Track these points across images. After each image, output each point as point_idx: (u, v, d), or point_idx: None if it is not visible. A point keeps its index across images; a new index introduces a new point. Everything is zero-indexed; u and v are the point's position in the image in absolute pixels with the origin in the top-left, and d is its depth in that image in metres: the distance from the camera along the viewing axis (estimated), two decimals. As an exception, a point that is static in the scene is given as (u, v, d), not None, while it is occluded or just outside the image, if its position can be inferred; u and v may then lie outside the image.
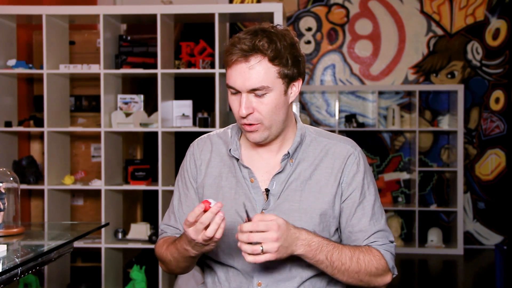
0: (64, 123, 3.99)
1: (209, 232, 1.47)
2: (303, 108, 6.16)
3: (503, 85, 5.97)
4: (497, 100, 5.99)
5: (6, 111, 3.91)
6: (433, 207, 5.89)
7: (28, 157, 3.94)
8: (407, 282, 4.86)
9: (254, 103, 1.58)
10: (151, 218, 4.34)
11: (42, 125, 3.83)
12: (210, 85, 4.05)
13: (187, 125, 3.89)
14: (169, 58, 3.97)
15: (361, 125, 5.97)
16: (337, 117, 6.03)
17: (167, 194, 3.82)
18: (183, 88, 4.63)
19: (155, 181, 3.97)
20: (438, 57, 6.03)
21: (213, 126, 3.81)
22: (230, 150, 1.69)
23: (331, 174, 1.66)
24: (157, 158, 3.79)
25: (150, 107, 4.62)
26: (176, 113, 3.91)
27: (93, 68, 3.80)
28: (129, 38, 4.04)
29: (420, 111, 5.97)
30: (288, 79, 1.60)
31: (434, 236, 5.84)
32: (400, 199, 6.09)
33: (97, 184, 3.85)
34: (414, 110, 5.93)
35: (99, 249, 3.84)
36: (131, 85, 4.65)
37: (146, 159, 4.24)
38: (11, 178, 2.24)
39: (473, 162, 6.02)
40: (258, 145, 1.68)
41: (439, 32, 6.02)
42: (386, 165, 6.13)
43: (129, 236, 3.92)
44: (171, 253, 1.67)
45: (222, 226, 1.47)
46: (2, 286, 1.77)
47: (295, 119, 1.72)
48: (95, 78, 3.99)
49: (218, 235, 1.48)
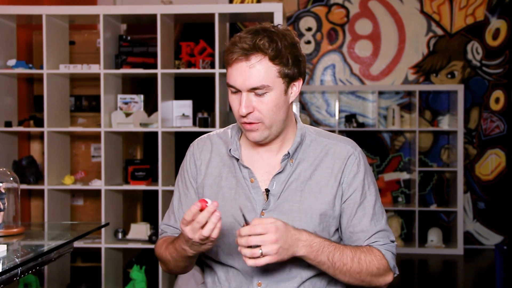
0: (64, 123, 3.99)
1: (205, 231, 1.46)
2: (303, 108, 6.16)
3: (503, 85, 5.97)
4: (497, 100, 5.99)
5: (6, 111, 3.91)
6: (433, 207, 5.89)
7: (28, 157, 3.94)
8: (407, 282, 4.86)
9: (254, 102, 1.58)
10: (151, 218, 4.34)
11: (42, 125, 3.83)
12: (210, 85, 4.05)
13: (187, 125, 3.89)
14: (169, 58, 3.97)
15: (361, 125, 5.97)
16: (337, 117, 6.03)
17: (167, 194, 3.82)
18: (183, 88, 4.63)
19: (155, 181, 3.97)
20: (438, 57, 6.03)
21: (213, 126, 3.81)
22: (230, 150, 1.69)
23: (331, 174, 1.66)
24: (157, 158, 3.79)
25: (150, 107, 4.62)
26: (176, 113, 3.91)
27: (93, 68, 3.80)
28: (129, 38, 4.04)
29: (420, 111, 5.97)
30: (289, 79, 1.60)
31: (434, 236, 5.84)
32: (400, 199, 6.09)
33: (97, 184, 3.85)
34: (414, 110, 5.93)
35: (99, 249, 3.85)
36: (131, 85, 4.65)
37: (146, 159, 4.24)
38: (11, 178, 2.24)
39: (473, 162, 6.01)
40: (258, 145, 1.68)
41: (439, 32, 6.02)
42: (386, 165, 6.13)
43: (129, 236, 3.92)
44: (170, 252, 1.67)
45: (219, 226, 1.47)
46: (2, 286, 1.77)
47: (295, 119, 1.72)
48: (95, 78, 3.99)
49: (215, 234, 1.47)
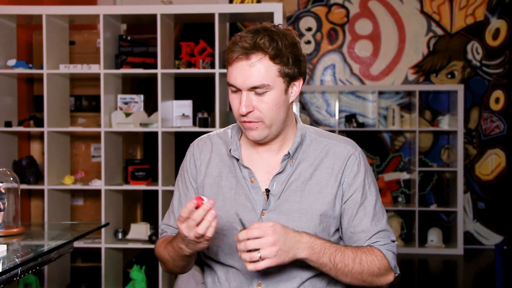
0: (64, 123, 3.99)
1: (200, 229, 1.46)
2: (303, 108, 6.16)
3: (503, 85, 5.97)
4: (497, 100, 5.99)
5: (6, 111, 3.91)
6: (433, 207, 5.89)
7: (28, 157, 3.94)
8: (407, 282, 4.86)
9: (254, 101, 1.58)
10: (151, 218, 4.33)
11: (42, 125, 3.83)
12: (210, 85, 4.05)
13: (187, 125, 3.89)
14: (169, 58, 3.97)
15: (361, 125, 5.97)
16: (337, 117, 6.03)
17: (167, 194, 3.82)
18: (183, 88, 4.63)
19: (155, 181, 3.97)
20: (438, 57, 6.03)
21: (213, 126, 3.81)
22: (230, 150, 1.69)
23: (331, 174, 1.66)
24: (157, 158, 3.79)
25: (150, 107, 4.62)
26: (176, 113, 3.91)
27: (93, 68, 3.80)
28: (129, 38, 4.04)
29: (420, 111, 5.97)
30: (289, 78, 1.60)
31: (434, 236, 5.84)
32: (400, 199, 6.09)
33: (97, 184, 3.85)
34: (414, 110, 5.93)
35: (99, 249, 3.84)
36: (131, 85, 4.65)
37: (146, 159, 4.24)
38: (11, 178, 2.24)
39: (473, 162, 6.01)
40: (258, 144, 1.68)
41: (439, 32, 6.02)
42: (386, 165, 6.13)
43: (129, 236, 3.92)
44: (168, 252, 1.68)
45: (214, 225, 1.47)
46: (2, 286, 1.77)
47: (295, 119, 1.72)
48: (95, 78, 3.99)
49: (209, 233, 1.47)
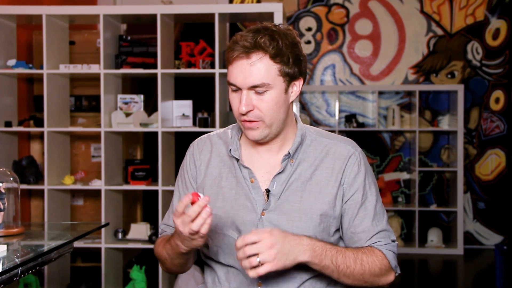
0: (64, 123, 3.99)
1: (194, 225, 1.46)
2: (303, 108, 6.16)
3: (503, 85, 5.97)
4: (497, 100, 5.99)
5: (6, 111, 3.91)
6: (433, 207, 5.89)
7: (28, 157, 3.94)
8: (407, 282, 4.86)
9: (254, 100, 1.58)
10: (151, 218, 4.34)
11: (42, 125, 3.83)
12: (210, 85, 4.05)
13: (187, 125, 3.89)
14: (169, 58, 3.97)
15: (361, 125, 5.97)
16: (337, 117, 6.03)
17: (167, 194, 3.82)
18: (183, 88, 4.63)
19: (155, 181, 3.97)
20: (438, 57, 6.03)
21: (213, 126, 3.81)
22: (230, 150, 1.69)
23: (331, 174, 1.66)
24: (157, 158, 3.79)
25: (150, 107, 4.62)
26: (176, 113, 3.91)
27: (93, 68, 3.80)
28: (129, 38, 4.04)
29: (420, 111, 5.97)
30: (289, 78, 1.60)
31: (434, 236, 5.84)
32: (400, 199, 6.08)
33: (97, 184, 3.85)
34: (414, 110, 5.93)
35: (99, 249, 3.84)
36: (131, 85, 4.65)
37: (146, 159, 4.24)
38: (11, 178, 2.24)
39: (473, 162, 6.01)
40: (258, 144, 1.68)
41: (439, 32, 6.02)
42: (386, 165, 6.13)
43: (129, 236, 3.92)
44: (166, 250, 1.68)
45: (208, 222, 1.46)
46: (2, 286, 1.77)
47: (295, 119, 1.72)
48: (95, 78, 3.99)
49: (204, 230, 1.47)
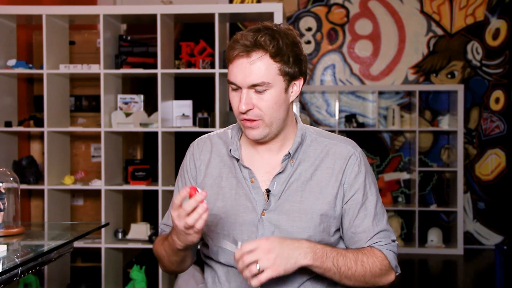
0: (64, 123, 3.99)
1: (189, 219, 1.46)
2: (303, 108, 6.16)
3: (503, 85, 5.97)
4: (497, 100, 5.99)
5: (6, 111, 3.91)
6: (433, 207, 5.89)
7: (28, 157, 3.94)
8: (407, 282, 4.86)
9: (254, 99, 1.58)
10: (151, 218, 4.34)
11: (42, 125, 3.83)
12: (210, 85, 4.05)
13: (187, 125, 3.89)
14: (169, 58, 3.97)
15: (361, 125, 5.97)
16: (337, 117, 6.03)
17: (167, 194, 3.82)
18: (183, 88, 4.63)
19: (155, 181, 3.97)
20: (438, 57, 6.03)
21: (213, 126, 3.81)
22: (230, 150, 1.69)
23: (332, 174, 1.66)
24: (157, 158, 3.79)
25: (150, 107, 4.62)
26: (176, 113, 3.91)
27: (93, 68, 3.80)
28: (129, 38, 4.04)
29: (420, 111, 5.97)
30: (289, 77, 1.60)
31: (434, 236, 5.84)
32: (400, 199, 6.08)
33: (97, 184, 3.85)
34: (414, 110, 5.93)
35: (99, 249, 3.85)
36: (131, 85, 4.65)
37: (146, 159, 4.24)
38: (11, 178, 2.24)
39: (473, 162, 6.01)
40: (258, 144, 1.68)
41: (439, 32, 6.02)
42: (386, 165, 6.13)
43: (129, 236, 3.92)
44: (164, 247, 1.68)
45: (204, 217, 1.46)
46: (2, 286, 1.77)
47: (295, 120, 1.72)
48: (95, 78, 3.99)
49: (199, 225, 1.47)
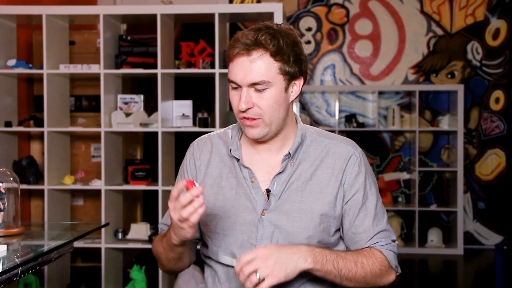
0: (64, 123, 3.99)
1: (184, 212, 1.46)
2: (303, 108, 6.16)
3: (503, 85, 5.97)
4: (497, 100, 5.99)
5: (6, 111, 3.91)
6: (433, 207, 5.89)
7: (28, 157, 3.94)
8: (407, 282, 4.86)
9: (254, 98, 1.58)
10: (151, 218, 4.34)
11: (42, 125, 3.83)
12: (210, 85, 4.05)
13: (187, 125, 3.89)
14: (169, 58, 3.97)
15: (361, 125, 5.97)
16: (337, 117, 6.03)
17: (167, 194, 3.82)
18: (183, 88, 4.63)
19: (155, 181, 3.97)
20: (438, 57, 6.03)
21: (213, 126, 3.81)
22: (230, 150, 1.69)
23: (332, 174, 1.66)
24: (157, 158, 3.79)
25: (150, 107, 4.62)
26: (176, 113, 3.91)
27: (93, 68, 3.80)
28: (129, 38, 4.04)
29: (420, 111, 5.97)
30: (289, 77, 1.60)
31: (434, 236, 5.84)
32: (400, 199, 6.08)
33: (97, 184, 3.85)
34: (414, 110, 5.93)
35: (99, 249, 3.84)
36: (131, 85, 4.65)
37: (146, 159, 4.24)
38: (11, 178, 2.24)
39: (473, 162, 6.01)
40: (258, 144, 1.68)
41: (439, 32, 6.02)
42: (386, 165, 6.13)
43: (129, 236, 3.92)
44: (162, 244, 1.69)
45: (199, 212, 1.46)
46: (2, 286, 1.77)
47: (295, 120, 1.72)
48: (95, 78, 3.99)
49: (193, 219, 1.46)
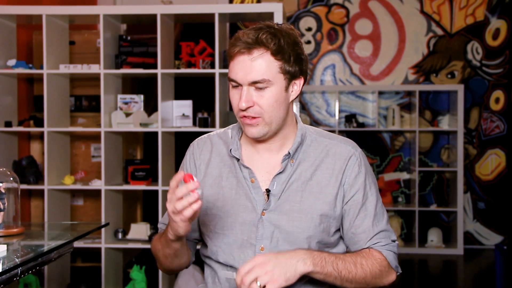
0: (64, 123, 3.99)
1: (178, 204, 1.46)
2: (303, 108, 6.16)
3: (503, 85, 5.97)
4: (497, 100, 5.99)
5: (6, 111, 3.91)
6: (433, 207, 5.89)
7: (28, 157, 3.94)
8: (407, 282, 4.86)
9: (255, 97, 1.58)
10: (151, 218, 4.34)
11: (42, 125, 3.83)
12: (210, 85, 4.05)
13: (187, 125, 3.89)
14: (169, 58, 3.97)
15: (361, 125, 5.97)
16: (337, 117, 6.03)
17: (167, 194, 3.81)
18: (183, 88, 4.63)
19: (155, 181, 3.97)
20: (438, 57, 6.03)
21: (213, 126, 3.81)
22: (230, 150, 1.69)
23: (332, 174, 1.66)
24: (157, 158, 3.79)
25: (150, 107, 4.62)
26: (176, 113, 3.91)
27: (93, 68, 3.80)
28: (129, 38, 4.04)
29: (420, 111, 5.97)
30: (290, 76, 1.61)
31: (434, 236, 5.84)
32: (400, 199, 6.08)
33: (97, 184, 3.85)
34: (414, 110, 5.93)
35: (99, 249, 3.84)
36: (131, 85, 4.65)
37: (146, 159, 4.24)
38: (11, 178, 2.24)
39: (473, 162, 6.01)
40: (258, 143, 1.67)
41: (439, 32, 6.02)
42: (386, 165, 6.13)
43: (129, 236, 3.92)
44: (160, 240, 1.69)
45: (194, 208, 1.46)
46: (2, 286, 1.77)
47: (295, 120, 1.72)
48: (95, 78, 3.99)
49: (186, 213, 1.46)
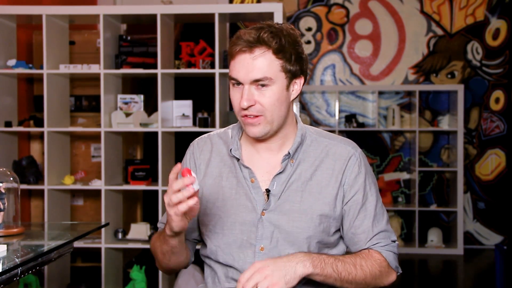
0: (64, 123, 3.99)
1: (174, 197, 1.46)
2: (303, 108, 6.16)
3: (503, 85, 5.97)
4: (497, 100, 5.99)
5: (6, 111, 3.91)
6: (433, 207, 5.89)
7: (28, 157, 3.94)
8: (407, 282, 4.86)
9: (256, 95, 1.59)
10: (151, 218, 4.34)
11: (42, 125, 3.83)
12: (210, 85, 4.05)
13: (187, 125, 3.89)
14: (169, 58, 3.97)
15: (361, 125, 5.97)
16: (337, 117, 6.03)
17: (167, 194, 3.81)
18: (183, 88, 4.63)
19: (155, 181, 3.97)
20: (438, 57, 6.03)
21: (213, 126, 3.81)
22: (230, 150, 1.69)
23: (332, 175, 1.66)
24: (157, 158, 3.79)
25: (150, 107, 4.62)
26: (176, 113, 3.91)
27: (93, 68, 3.80)
28: (129, 38, 4.04)
29: (420, 111, 5.97)
30: (291, 75, 1.61)
31: (434, 236, 5.84)
32: (400, 199, 6.08)
33: (97, 184, 3.85)
34: (414, 110, 5.93)
35: (99, 249, 3.84)
36: (131, 85, 4.65)
37: (146, 159, 4.24)
38: (11, 178, 2.24)
39: (473, 162, 6.01)
40: (258, 142, 1.68)
41: (439, 32, 6.02)
42: (386, 165, 6.13)
43: (129, 236, 3.92)
44: (159, 238, 1.69)
45: (189, 203, 1.45)
46: (2, 286, 1.77)
47: (295, 119, 1.72)
48: (95, 78, 3.99)
49: (181, 208, 1.46)
